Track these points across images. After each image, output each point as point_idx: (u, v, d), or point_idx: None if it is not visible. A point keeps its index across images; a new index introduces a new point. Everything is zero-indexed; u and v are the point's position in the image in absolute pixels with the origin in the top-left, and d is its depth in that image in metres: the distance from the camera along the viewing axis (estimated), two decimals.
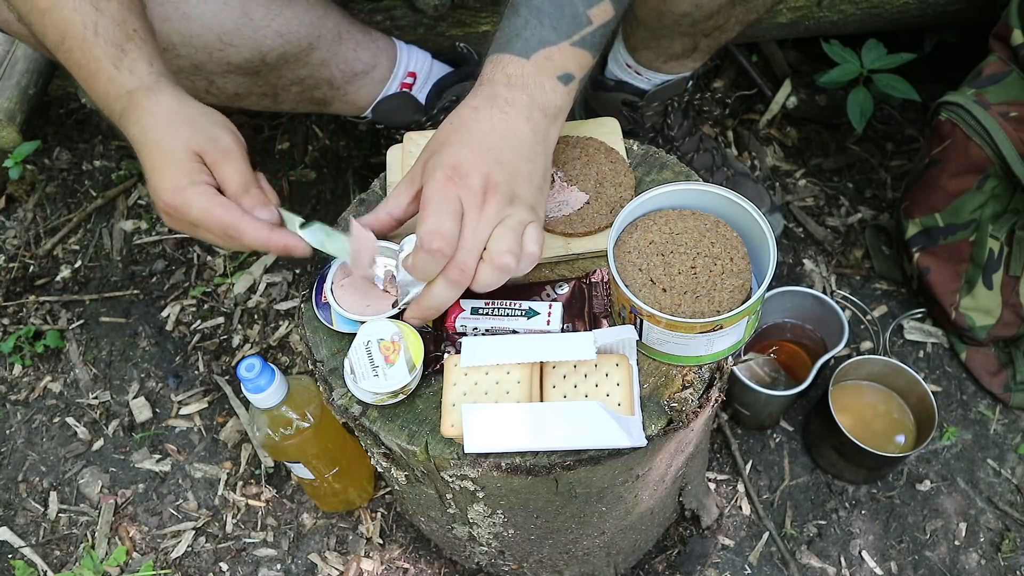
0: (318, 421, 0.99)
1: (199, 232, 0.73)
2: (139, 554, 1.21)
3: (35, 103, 1.26)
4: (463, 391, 0.71)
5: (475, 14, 1.25)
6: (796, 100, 1.54)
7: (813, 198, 1.49)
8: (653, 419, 0.73)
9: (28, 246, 1.52)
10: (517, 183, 0.71)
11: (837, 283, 1.40)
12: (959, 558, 1.16)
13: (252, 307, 1.42)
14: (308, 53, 1.03)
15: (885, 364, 1.19)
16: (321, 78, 1.08)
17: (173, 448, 1.30)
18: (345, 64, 1.09)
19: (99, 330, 1.42)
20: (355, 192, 1.46)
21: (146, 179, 0.74)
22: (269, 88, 1.06)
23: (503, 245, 0.69)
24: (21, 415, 1.35)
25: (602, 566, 1.07)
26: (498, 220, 0.70)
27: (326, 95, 1.11)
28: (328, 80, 1.09)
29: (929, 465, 1.23)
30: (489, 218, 0.70)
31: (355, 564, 1.18)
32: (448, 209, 0.69)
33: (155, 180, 0.72)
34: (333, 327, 0.79)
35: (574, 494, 0.79)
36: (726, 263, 0.71)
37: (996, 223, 1.19)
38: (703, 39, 1.09)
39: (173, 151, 0.72)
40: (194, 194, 0.70)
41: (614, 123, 0.91)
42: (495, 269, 0.70)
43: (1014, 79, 1.13)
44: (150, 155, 0.72)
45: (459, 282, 0.70)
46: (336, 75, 1.09)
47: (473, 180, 0.69)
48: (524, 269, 0.72)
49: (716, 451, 1.25)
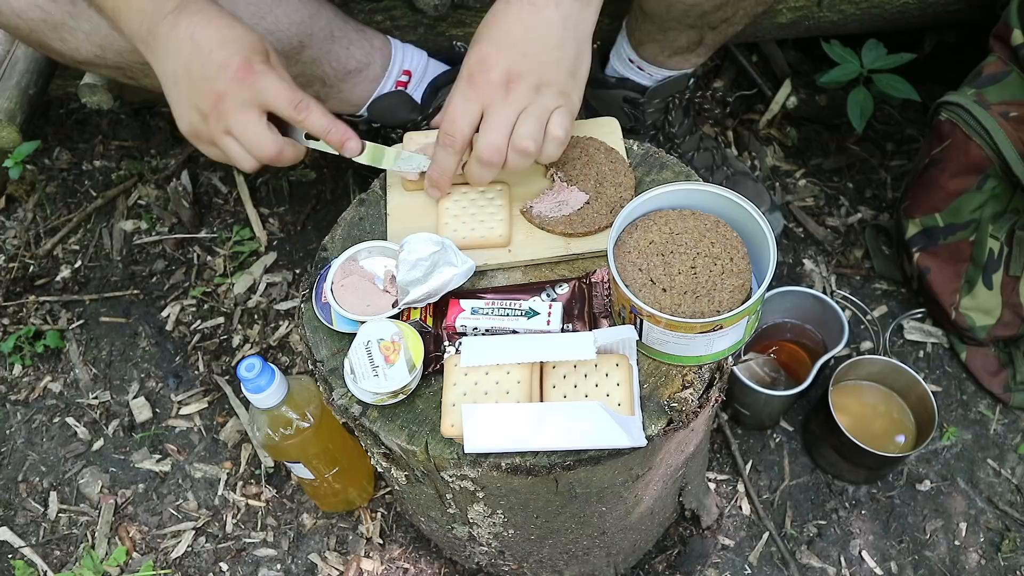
0: (318, 421, 0.99)
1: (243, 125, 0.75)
2: (139, 554, 1.21)
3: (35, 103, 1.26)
4: (463, 391, 0.71)
5: (475, 14, 1.25)
6: (796, 100, 1.54)
7: (813, 198, 1.49)
8: (653, 419, 0.73)
9: (28, 246, 1.52)
10: (545, 71, 0.75)
11: (837, 283, 1.40)
12: (959, 558, 1.16)
13: (252, 307, 1.42)
14: (299, 51, 1.03)
15: (885, 364, 1.19)
16: (313, 76, 1.08)
17: (173, 448, 1.30)
18: (337, 62, 1.08)
19: (99, 330, 1.42)
20: (355, 192, 1.46)
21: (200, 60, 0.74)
22: None
23: (523, 130, 0.74)
24: (21, 415, 1.35)
25: (602, 566, 1.07)
26: (522, 107, 0.74)
27: (318, 93, 1.11)
28: (320, 78, 1.09)
29: (929, 465, 1.23)
30: (513, 105, 0.74)
31: (355, 564, 1.18)
32: (466, 107, 0.75)
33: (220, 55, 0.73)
34: (333, 327, 0.79)
35: (574, 494, 0.79)
36: (726, 263, 0.71)
37: (996, 223, 1.19)
38: (709, 32, 1.09)
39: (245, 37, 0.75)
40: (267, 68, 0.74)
41: (614, 123, 0.91)
42: (516, 153, 0.75)
43: (1014, 79, 1.13)
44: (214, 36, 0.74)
45: (491, 162, 0.76)
46: (328, 73, 1.09)
47: (494, 74, 0.74)
48: (550, 153, 0.77)
49: (716, 451, 1.25)
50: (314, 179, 1.54)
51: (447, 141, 0.77)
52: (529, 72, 0.74)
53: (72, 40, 0.93)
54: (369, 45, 1.12)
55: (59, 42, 0.93)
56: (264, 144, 0.76)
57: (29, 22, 0.91)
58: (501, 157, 0.76)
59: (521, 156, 0.76)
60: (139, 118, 1.64)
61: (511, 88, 0.74)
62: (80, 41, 0.93)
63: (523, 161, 0.76)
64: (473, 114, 0.76)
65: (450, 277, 0.77)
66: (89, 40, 0.93)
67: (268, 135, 0.76)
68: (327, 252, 0.86)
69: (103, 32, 0.91)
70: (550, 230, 0.83)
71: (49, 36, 0.92)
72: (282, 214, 1.51)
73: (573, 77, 0.77)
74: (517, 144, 0.75)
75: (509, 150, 0.75)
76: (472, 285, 0.82)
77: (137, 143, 1.62)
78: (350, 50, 1.09)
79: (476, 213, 0.84)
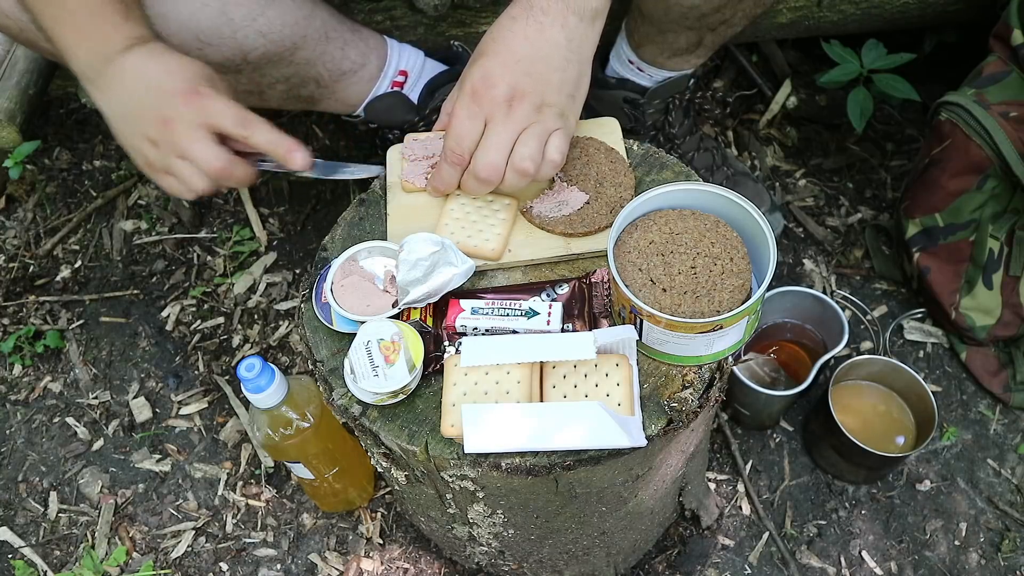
0: (318, 421, 0.99)
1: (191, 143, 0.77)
2: (139, 554, 1.21)
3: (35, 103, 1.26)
4: (463, 391, 0.71)
5: (475, 14, 1.25)
6: (796, 100, 1.54)
7: (813, 198, 1.49)
8: (653, 419, 0.73)
9: (28, 246, 1.52)
10: (547, 92, 0.76)
11: (837, 283, 1.40)
12: (959, 558, 1.16)
13: (252, 307, 1.42)
14: (293, 52, 1.03)
15: (885, 364, 1.19)
16: (308, 76, 1.08)
17: (173, 448, 1.30)
18: (332, 63, 1.08)
19: (99, 330, 1.42)
20: (355, 192, 1.46)
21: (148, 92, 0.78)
22: (254, 86, 1.06)
23: (524, 150, 0.75)
24: (21, 415, 1.35)
25: (602, 566, 1.07)
26: (523, 126, 0.75)
27: (313, 93, 1.11)
28: (315, 78, 1.08)
29: (929, 465, 1.23)
30: (514, 124, 0.75)
31: (355, 564, 1.18)
32: (470, 122, 0.75)
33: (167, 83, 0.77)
34: (333, 327, 0.79)
35: (574, 494, 0.79)
36: (726, 263, 0.71)
37: (996, 223, 1.19)
38: (708, 34, 1.09)
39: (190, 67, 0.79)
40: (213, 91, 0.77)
41: (614, 123, 0.91)
42: (514, 172, 0.76)
43: (1014, 79, 1.13)
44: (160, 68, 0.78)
45: (488, 180, 0.77)
46: (323, 74, 1.09)
47: (498, 91, 0.74)
48: (546, 174, 0.78)
49: (716, 451, 1.25)
50: (314, 179, 1.54)
51: (455, 160, 0.78)
52: (532, 92, 0.75)
53: None
54: (365, 45, 1.12)
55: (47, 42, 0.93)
56: (211, 159, 0.77)
57: (18, 21, 0.91)
58: (499, 176, 0.77)
59: (519, 176, 0.77)
60: None
61: (513, 107, 0.75)
62: None
63: (520, 181, 0.77)
64: (479, 131, 0.77)
65: (450, 277, 0.77)
66: None
67: (216, 150, 0.78)
68: (327, 252, 0.86)
69: None
70: (550, 230, 0.83)
71: (39, 35, 0.92)
72: (282, 214, 1.51)
73: (573, 99, 0.79)
74: (517, 165, 0.76)
75: (508, 169, 0.76)
76: (472, 285, 0.82)
77: None
78: (345, 51, 1.09)
79: (477, 221, 0.84)
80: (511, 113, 0.75)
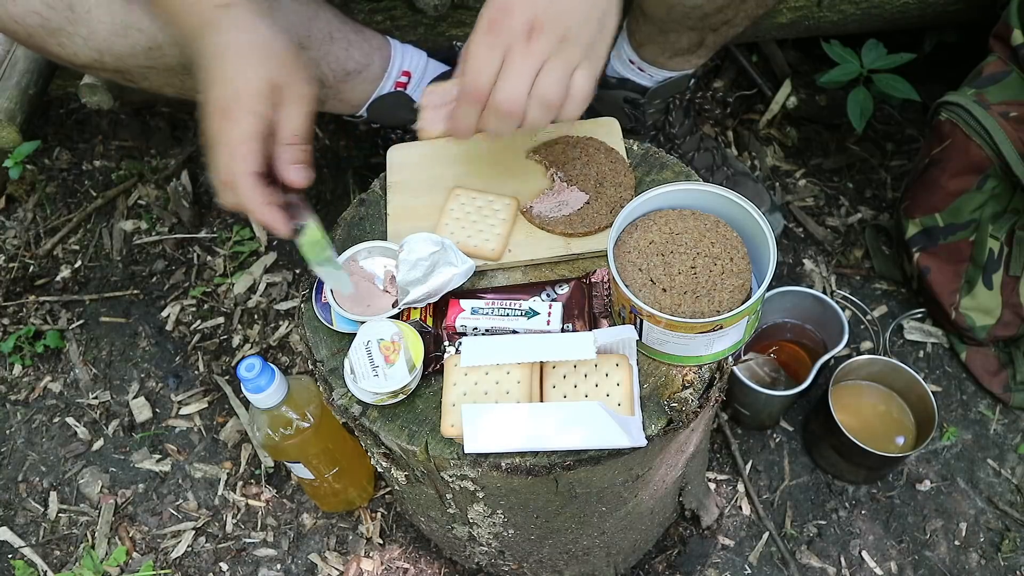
0: (318, 421, 0.99)
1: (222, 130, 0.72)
2: (139, 554, 1.21)
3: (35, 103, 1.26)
4: (463, 391, 0.71)
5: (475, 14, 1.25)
6: (796, 100, 1.54)
7: (813, 198, 1.49)
8: (653, 419, 0.73)
9: (28, 246, 1.52)
10: (571, 22, 0.70)
11: (837, 283, 1.40)
12: (959, 558, 1.16)
13: (252, 307, 1.42)
14: None
15: (885, 364, 1.19)
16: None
17: (173, 448, 1.30)
18: (336, 63, 1.08)
19: (99, 330, 1.42)
20: (355, 192, 1.46)
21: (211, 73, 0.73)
22: None
23: (547, 79, 0.69)
24: (21, 415, 1.35)
25: (602, 566, 1.07)
26: (545, 58, 0.69)
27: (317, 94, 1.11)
28: (319, 79, 1.08)
29: (929, 465, 1.23)
30: (535, 55, 0.69)
31: (355, 564, 1.18)
32: (488, 55, 0.69)
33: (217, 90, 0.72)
34: (333, 327, 0.79)
35: (574, 494, 0.79)
36: (726, 263, 0.71)
37: (996, 223, 1.19)
38: (710, 34, 1.09)
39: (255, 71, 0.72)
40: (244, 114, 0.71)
41: (614, 123, 0.91)
42: (537, 104, 0.70)
43: (1014, 79, 1.13)
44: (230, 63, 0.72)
45: (510, 113, 0.70)
46: (327, 74, 1.09)
47: (516, 21, 0.69)
48: (571, 111, 0.71)
49: (716, 451, 1.25)
50: (314, 179, 1.53)
51: (473, 96, 0.71)
52: (554, 21, 0.69)
53: (70, 45, 0.93)
54: (368, 46, 1.12)
55: (57, 47, 0.93)
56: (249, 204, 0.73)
57: (27, 27, 0.91)
58: (521, 108, 0.70)
59: (543, 109, 0.70)
60: (139, 118, 1.64)
61: (534, 37, 0.69)
62: (78, 46, 0.93)
63: (544, 115, 0.71)
64: (497, 64, 0.70)
65: (450, 277, 0.77)
66: (87, 45, 0.93)
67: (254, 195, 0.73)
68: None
69: (101, 37, 0.91)
70: (550, 230, 0.83)
71: (48, 41, 0.92)
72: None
73: (600, 32, 0.72)
74: (539, 95, 0.69)
75: (530, 102, 0.70)
76: (472, 285, 0.82)
77: (137, 143, 1.62)
78: (349, 51, 1.09)
79: (477, 221, 0.84)
80: (531, 44, 0.69)
